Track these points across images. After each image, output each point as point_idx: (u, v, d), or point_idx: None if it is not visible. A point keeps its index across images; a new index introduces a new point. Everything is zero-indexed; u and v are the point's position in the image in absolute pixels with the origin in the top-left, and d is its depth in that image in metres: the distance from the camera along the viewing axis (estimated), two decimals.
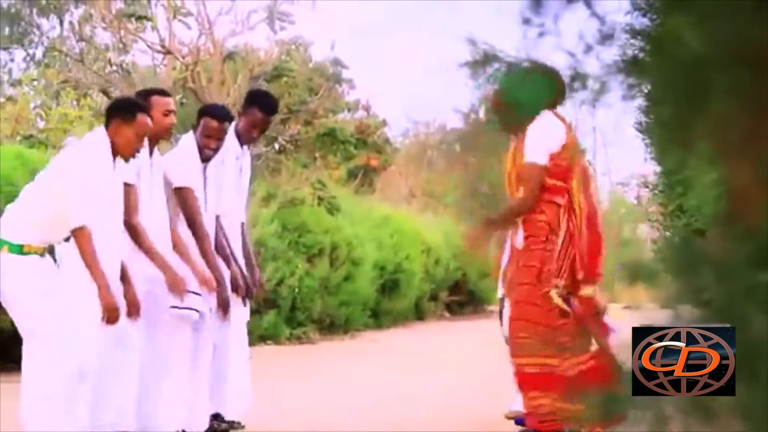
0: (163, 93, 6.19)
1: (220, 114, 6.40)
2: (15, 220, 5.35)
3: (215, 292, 6.08)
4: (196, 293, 5.95)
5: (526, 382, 5.49)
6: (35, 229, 5.30)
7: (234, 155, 6.52)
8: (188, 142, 6.29)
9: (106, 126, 5.45)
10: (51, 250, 5.46)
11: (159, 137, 5.94)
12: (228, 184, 6.49)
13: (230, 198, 6.53)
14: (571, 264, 5.40)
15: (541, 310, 5.40)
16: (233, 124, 6.54)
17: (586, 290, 5.40)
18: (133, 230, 5.62)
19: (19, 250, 5.25)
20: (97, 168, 5.35)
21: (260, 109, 6.56)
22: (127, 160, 5.48)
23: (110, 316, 5.30)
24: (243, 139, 6.56)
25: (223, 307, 6.22)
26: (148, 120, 5.51)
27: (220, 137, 6.25)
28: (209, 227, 6.26)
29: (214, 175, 6.34)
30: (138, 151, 5.50)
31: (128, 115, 5.43)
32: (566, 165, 5.48)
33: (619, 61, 1.75)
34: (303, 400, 8.17)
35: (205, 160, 6.25)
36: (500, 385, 6.75)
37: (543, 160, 5.43)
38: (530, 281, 5.45)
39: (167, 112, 5.90)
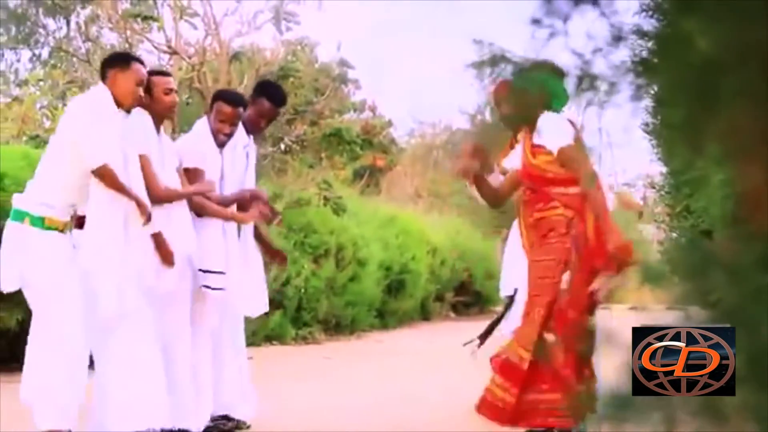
0: (162, 73, 6.32)
1: (234, 99, 6.44)
2: (35, 190, 5.36)
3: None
4: (221, 272, 6.03)
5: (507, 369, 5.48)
6: (55, 195, 5.29)
7: (242, 144, 6.53)
8: (201, 126, 6.36)
9: (103, 80, 5.48)
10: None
11: (163, 116, 6.02)
12: (239, 170, 6.51)
13: (237, 178, 6.54)
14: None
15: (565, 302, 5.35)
16: None
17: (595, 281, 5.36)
18: (158, 195, 5.68)
19: (41, 223, 5.25)
20: (103, 116, 5.36)
21: (269, 99, 6.58)
22: (128, 110, 5.51)
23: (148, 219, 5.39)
24: (250, 128, 6.57)
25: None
26: (144, 70, 5.57)
27: (233, 122, 6.29)
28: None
29: (230, 161, 6.37)
30: (137, 101, 5.54)
31: (123, 63, 5.49)
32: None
33: (628, 62, 1.74)
34: (308, 400, 8.16)
35: (220, 145, 6.29)
36: None
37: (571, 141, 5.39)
38: (552, 275, 5.40)
39: (168, 91, 5.98)
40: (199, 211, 6.05)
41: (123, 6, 17.35)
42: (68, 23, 18.15)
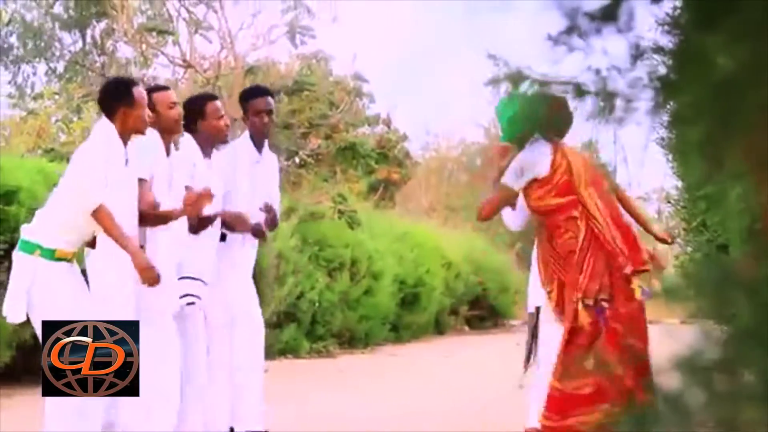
0: (162, 88, 6.35)
1: (214, 96, 6.71)
2: (44, 223, 5.37)
3: None
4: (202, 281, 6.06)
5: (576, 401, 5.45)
6: (64, 231, 5.31)
7: (254, 160, 6.56)
8: (187, 142, 6.35)
9: (110, 116, 5.45)
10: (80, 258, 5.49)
11: (171, 130, 5.99)
12: (240, 184, 6.50)
13: (243, 197, 6.52)
14: (598, 265, 5.47)
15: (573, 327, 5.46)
16: (246, 131, 6.63)
17: (635, 283, 5.45)
18: (148, 220, 5.68)
19: (51, 255, 5.26)
20: (110, 156, 5.37)
21: (253, 97, 6.66)
22: (144, 132, 5.52)
23: (148, 276, 5.30)
24: (256, 135, 6.59)
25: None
26: (142, 89, 5.56)
27: (225, 113, 6.37)
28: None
29: (226, 170, 6.39)
30: (148, 123, 5.56)
31: (128, 97, 5.45)
32: (565, 181, 5.62)
33: (645, 79, 1.73)
34: (322, 413, 8.16)
35: (224, 141, 6.39)
36: (520, 400, 6.72)
37: (516, 184, 5.65)
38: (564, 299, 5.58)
39: (172, 105, 5.98)
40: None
41: (138, 20, 17.44)
42: (84, 37, 18.24)
